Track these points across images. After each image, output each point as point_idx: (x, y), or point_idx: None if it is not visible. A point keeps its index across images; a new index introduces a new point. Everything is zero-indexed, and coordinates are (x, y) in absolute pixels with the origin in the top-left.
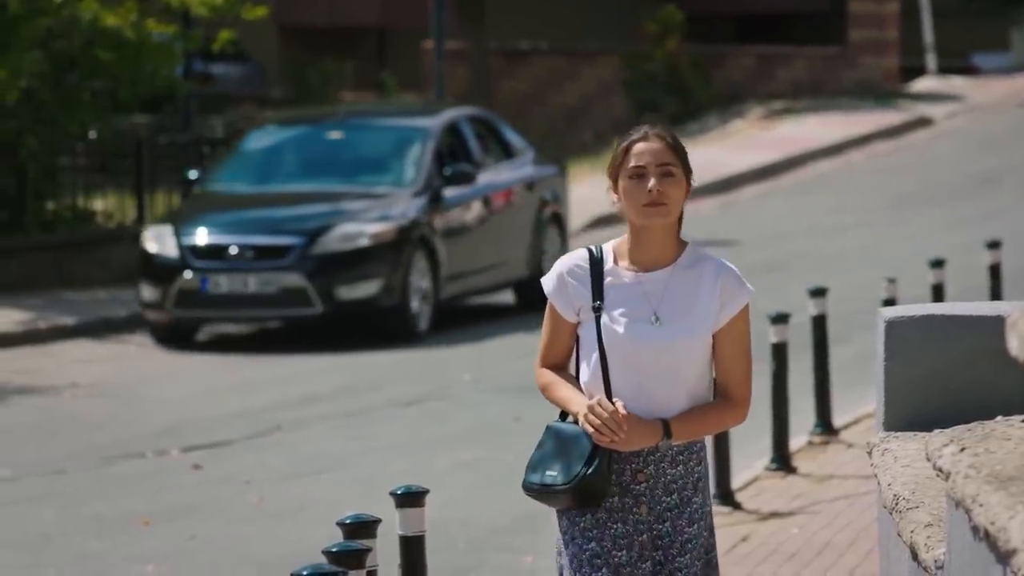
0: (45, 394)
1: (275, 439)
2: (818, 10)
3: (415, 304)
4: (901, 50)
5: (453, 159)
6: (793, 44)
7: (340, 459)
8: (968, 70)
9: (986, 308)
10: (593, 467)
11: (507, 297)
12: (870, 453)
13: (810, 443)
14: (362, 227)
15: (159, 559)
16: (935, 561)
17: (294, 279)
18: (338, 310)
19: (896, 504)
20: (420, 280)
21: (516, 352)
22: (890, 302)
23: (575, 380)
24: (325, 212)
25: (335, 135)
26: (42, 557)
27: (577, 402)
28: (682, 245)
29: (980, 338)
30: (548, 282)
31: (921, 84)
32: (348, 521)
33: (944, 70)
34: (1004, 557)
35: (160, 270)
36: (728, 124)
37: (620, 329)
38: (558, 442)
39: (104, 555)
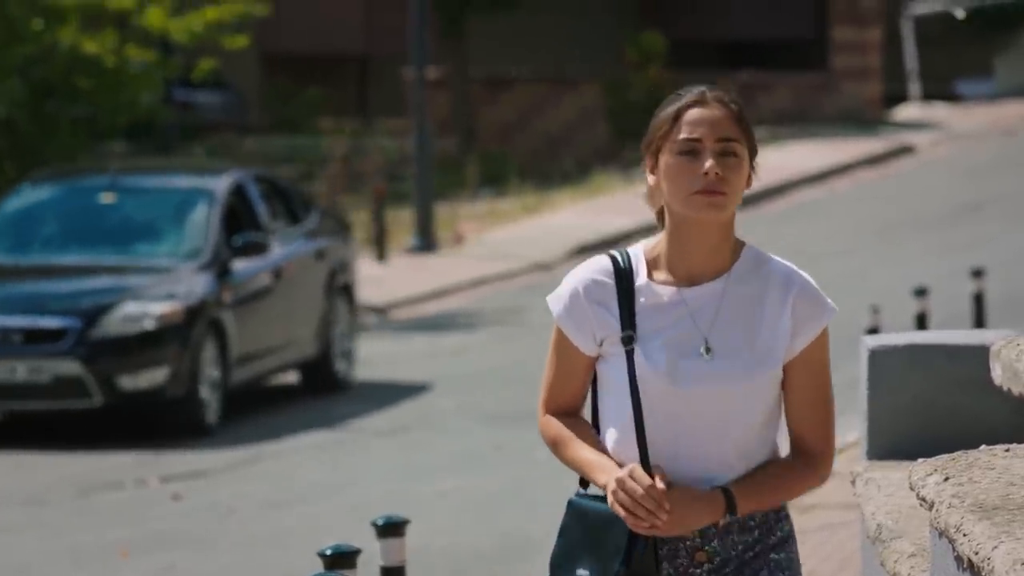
0: None
1: (257, 468)
2: (801, 37)
3: (204, 394)
4: (884, 77)
5: (238, 226)
6: (776, 71)
7: (322, 488)
8: (952, 97)
9: (970, 337)
10: (633, 563)
11: (290, 376)
12: (853, 482)
13: None
14: (146, 307)
15: None
16: None
17: (70, 367)
18: (119, 402)
19: (879, 533)
20: (209, 366)
21: (317, 455)
22: (874, 330)
23: (593, 431)
24: (102, 289)
25: (107, 198)
26: None
27: (603, 468)
28: (738, 248)
29: (964, 367)
30: (557, 302)
31: (904, 112)
32: (329, 552)
33: (928, 96)
34: None
35: None
36: None
37: (660, 367)
38: (586, 528)
39: None
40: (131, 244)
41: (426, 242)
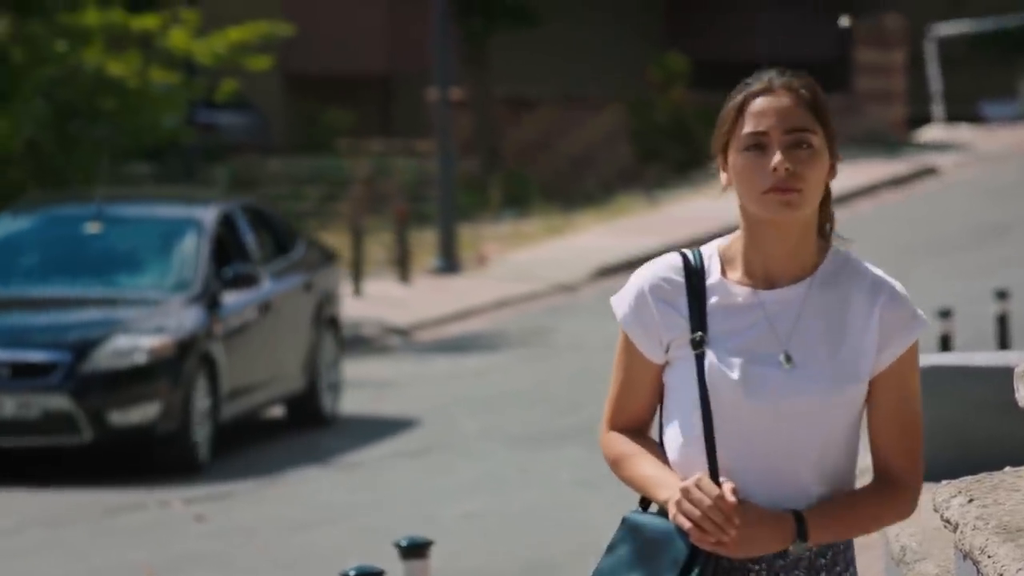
0: None
1: (279, 490)
2: (825, 59)
3: (196, 429)
4: (908, 99)
5: (226, 257)
6: None
7: (343, 509)
8: (976, 118)
9: (994, 358)
10: None
11: (275, 410)
12: None
13: None
14: (137, 340)
15: None
16: None
17: (59, 402)
18: (110, 438)
19: (904, 556)
20: (201, 401)
21: (340, 477)
22: None
23: (661, 451)
24: (90, 322)
25: (92, 227)
26: None
27: (666, 484)
28: (822, 249)
29: (988, 389)
30: (621, 304)
31: (928, 133)
32: (352, 573)
33: (952, 118)
34: None
35: None
36: None
37: (733, 374)
38: (639, 545)
39: None
40: (118, 275)
41: (449, 263)
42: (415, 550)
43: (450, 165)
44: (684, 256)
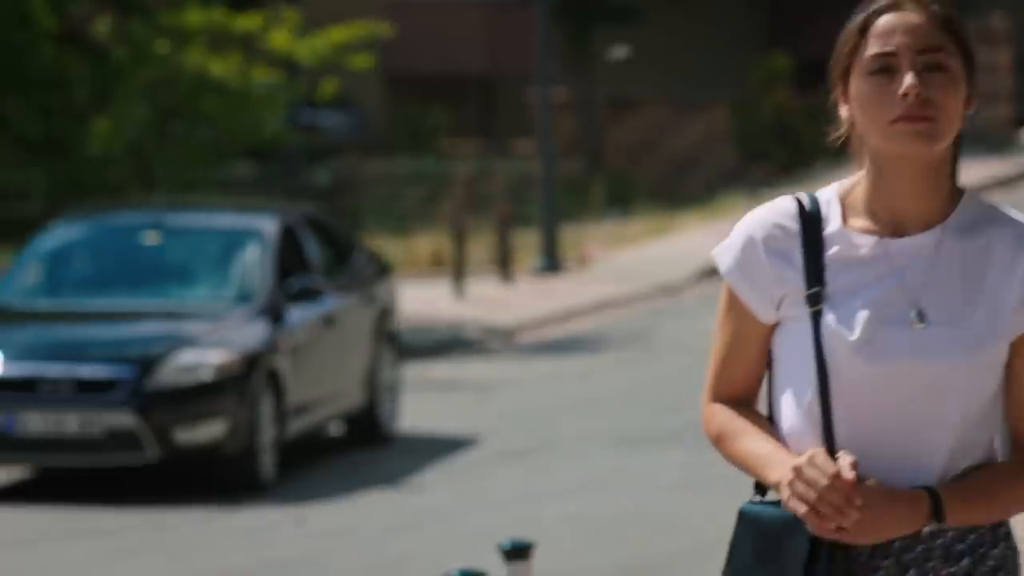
0: None
1: (380, 491)
2: None
3: (262, 448)
4: (1014, 98)
5: (288, 268)
6: None
7: (446, 512)
8: None
9: None
10: None
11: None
12: None
13: None
14: (203, 355)
15: None
16: None
17: (123, 419)
18: (176, 457)
19: None
20: (266, 419)
21: (440, 480)
22: None
23: (771, 425)
24: (153, 336)
25: (150, 237)
26: None
27: (777, 463)
28: (957, 192)
29: None
30: (726, 255)
31: None
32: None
33: None
34: None
35: None
36: (838, 173)
37: (855, 335)
38: (759, 539)
39: None
40: (177, 287)
41: (551, 264)
42: (518, 552)
43: (551, 165)
44: (799, 201)
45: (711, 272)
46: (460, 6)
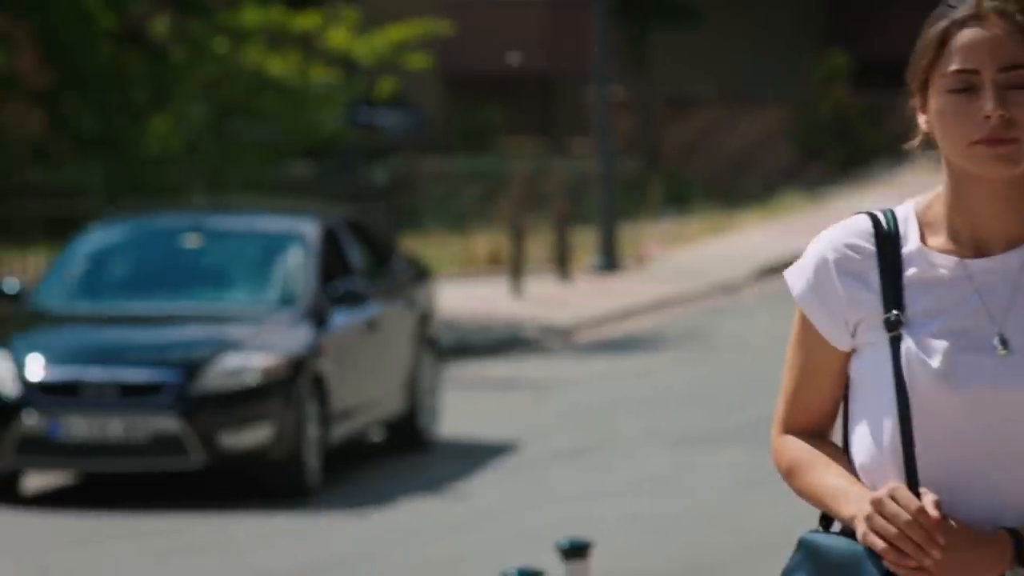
0: None
1: (435, 492)
2: None
3: (308, 453)
4: None
5: (330, 272)
6: None
7: (503, 510)
8: None
9: None
10: None
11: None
12: None
13: None
14: (248, 359)
15: None
16: None
17: (168, 423)
18: (221, 462)
19: None
20: (311, 424)
21: (497, 478)
22: None
23: (845, 457)
24: (197, 340)
25: (192, 241)
26: None
27: (853, 497)
28: None
29: None
30: (798, 278)
31: None
32: (513, 574)
33: None
34: None
35: None
36: (896, 172)
37: (936, 362)
38: (820, 572)
39: None
40: (218, 290)
41: (609, 262)
42: (576, 551)
43: (609, 164)
44: (875, 219)
45: (770, 270)
46: (519, 5)
